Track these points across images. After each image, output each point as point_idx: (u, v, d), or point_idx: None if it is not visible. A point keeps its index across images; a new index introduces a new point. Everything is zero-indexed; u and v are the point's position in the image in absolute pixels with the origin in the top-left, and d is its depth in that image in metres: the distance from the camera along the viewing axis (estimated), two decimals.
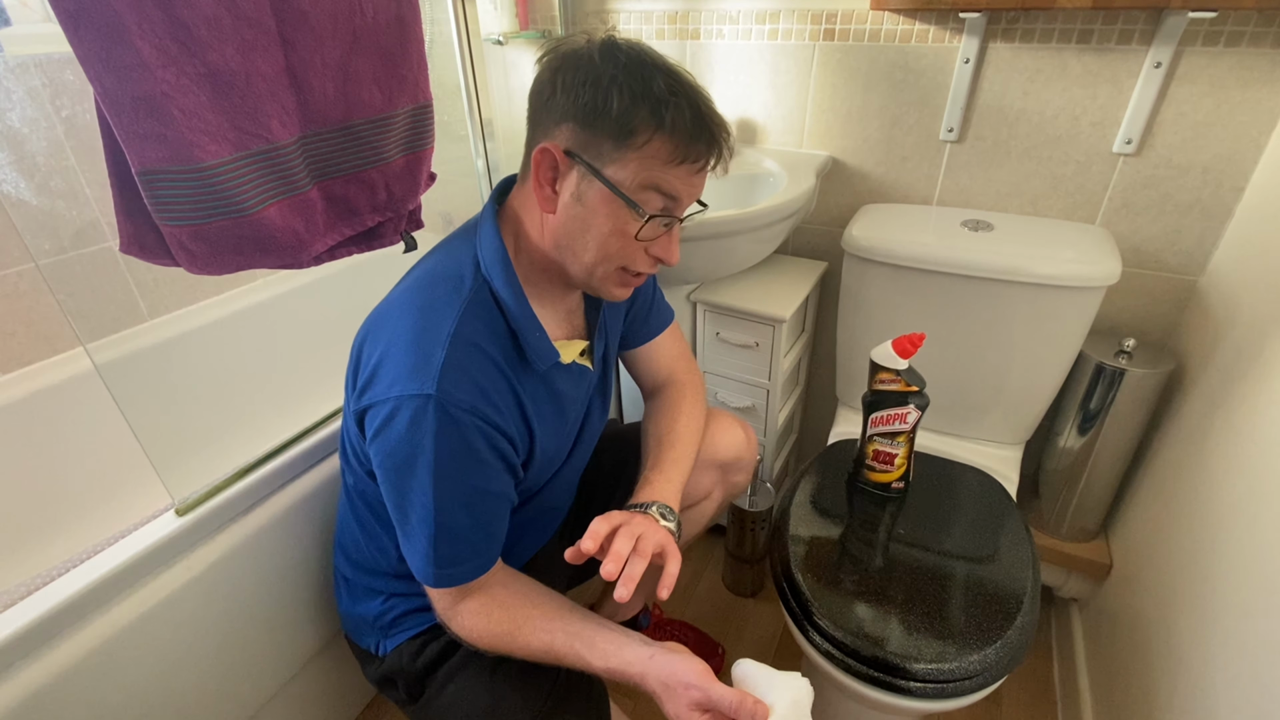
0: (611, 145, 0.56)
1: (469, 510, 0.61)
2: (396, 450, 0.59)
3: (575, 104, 0.56)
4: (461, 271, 0.63)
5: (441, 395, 0.57)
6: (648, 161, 0.57)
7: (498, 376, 0.61)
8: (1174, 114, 0.90)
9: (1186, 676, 0.74)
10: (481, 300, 0.62)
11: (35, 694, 0.64)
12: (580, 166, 0.58)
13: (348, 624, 0.81)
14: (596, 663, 0.60)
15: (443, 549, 0.61)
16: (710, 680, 0.56)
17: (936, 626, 0.76)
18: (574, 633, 0.62)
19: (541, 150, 0.58)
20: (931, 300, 0.98)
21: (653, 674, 0.58)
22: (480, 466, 0.61)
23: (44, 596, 0.66)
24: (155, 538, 0.73)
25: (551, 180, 0.60)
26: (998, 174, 1.05)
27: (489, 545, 0.64)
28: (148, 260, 0.75)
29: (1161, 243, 0.99)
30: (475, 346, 0.60)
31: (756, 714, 0.54)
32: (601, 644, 0.61)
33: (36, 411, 1.06)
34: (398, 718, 1.11)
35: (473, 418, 0.58)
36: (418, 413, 0.57)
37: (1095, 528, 1.12)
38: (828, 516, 0.93)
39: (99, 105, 0.64)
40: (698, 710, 0.55)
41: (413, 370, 0.57)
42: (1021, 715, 1.09)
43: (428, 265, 0.68)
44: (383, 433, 0.59)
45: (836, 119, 1.13)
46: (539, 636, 0.63)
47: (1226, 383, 0.84)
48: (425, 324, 0.60)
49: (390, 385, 0.58)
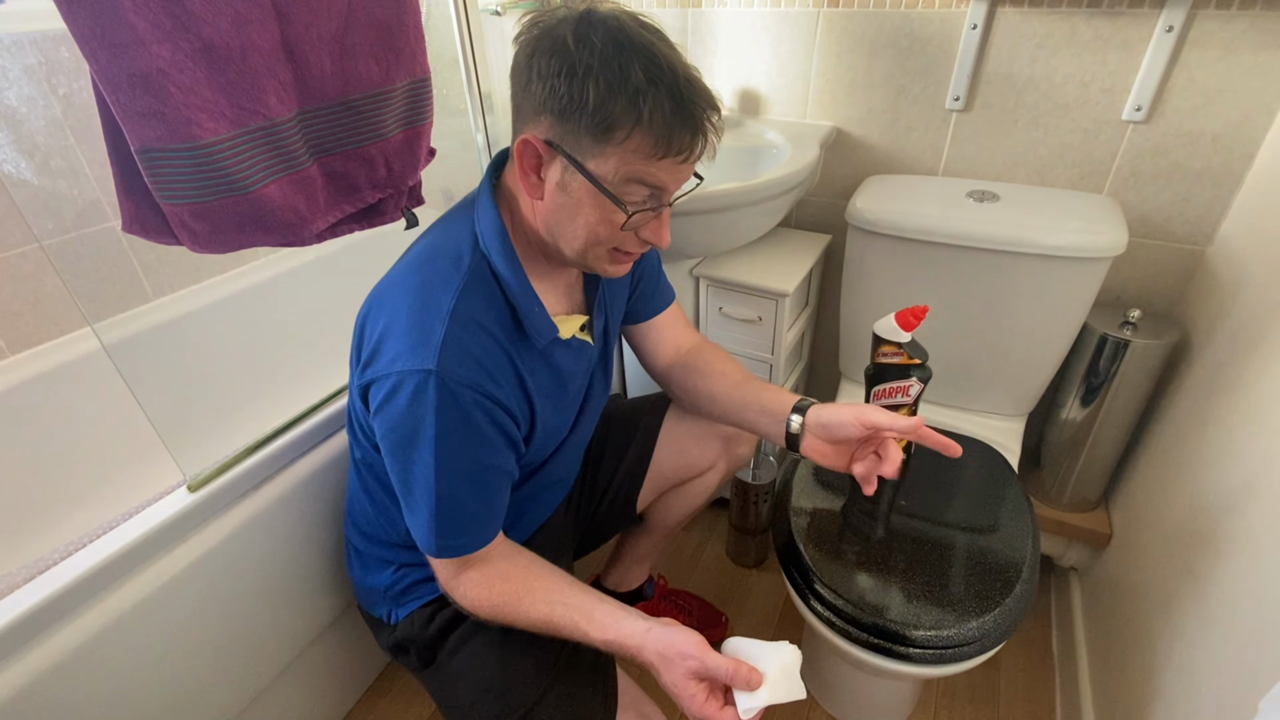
0: (590, 140, 0.55)
1: (470, 483, 0.62)
2: (399, 425, 0.60)
3: (552, 96, 0.54)
4: (460, 247, 0.63)
5: (442, 370, 0.57)
6: (628, 156, 0.55)
7: (497, 351, 0.62)
8: (1185, 80, 0.89)
9: (1182, 642, 0.75)
10: (480, 276, 0.62)
11: (56, 666, 0.66)
12: (562, 157, 0.57)
13: (360, 594, 0.83)
14: (595, 635, 0.62)
15: (444, 521, 0.62)
16: (706, 650, 0.57)
17: (936, 595, 0.77)
18: (573, 605, 0.63)
19: (523, 142, 0.57)
20: (936, 272, 0.97)
21: (649, 646, 0.59)
22: (481, 440, 0.62)
23: (62, 571, 0.68)
24: (169, 513, 0.74)
25: (536, 168, 0.59)
26: (1004, 143, 1.03)
27: (490, 518, 0.66)
28: (150, 239, 0.75)
29: (1169, 212, 0.98)
30: (475, 322, 0.60)
31: (751, 680, 0.55)
32: (600, 617, 0.62)
33: (46, 392, 1.07)
34: (411, 684, 1.15)
35: (473, 392, 0.59)
36: (419, 388, 0.58)
37: (1096, 498, 1.13)
38: (829, 489, 0.94)
39: (95, 83, 0.63)
40: (694, 679, 0.57)
41: (413, 346, 0.58)
42: (1020, 680, 1.11)
43: (427, 241, 0.68)
44: (385, 407, 0.60)
45: (841, 88, 1.11)
46: (538, 608, 0.64)
47: (1232, 352, 0.84)
48: (425, 300, 0.60)
49: (392, 361, 0.59)
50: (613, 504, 0.94)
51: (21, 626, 0.64)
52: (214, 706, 0.84)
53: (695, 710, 0.56)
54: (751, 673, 0.56)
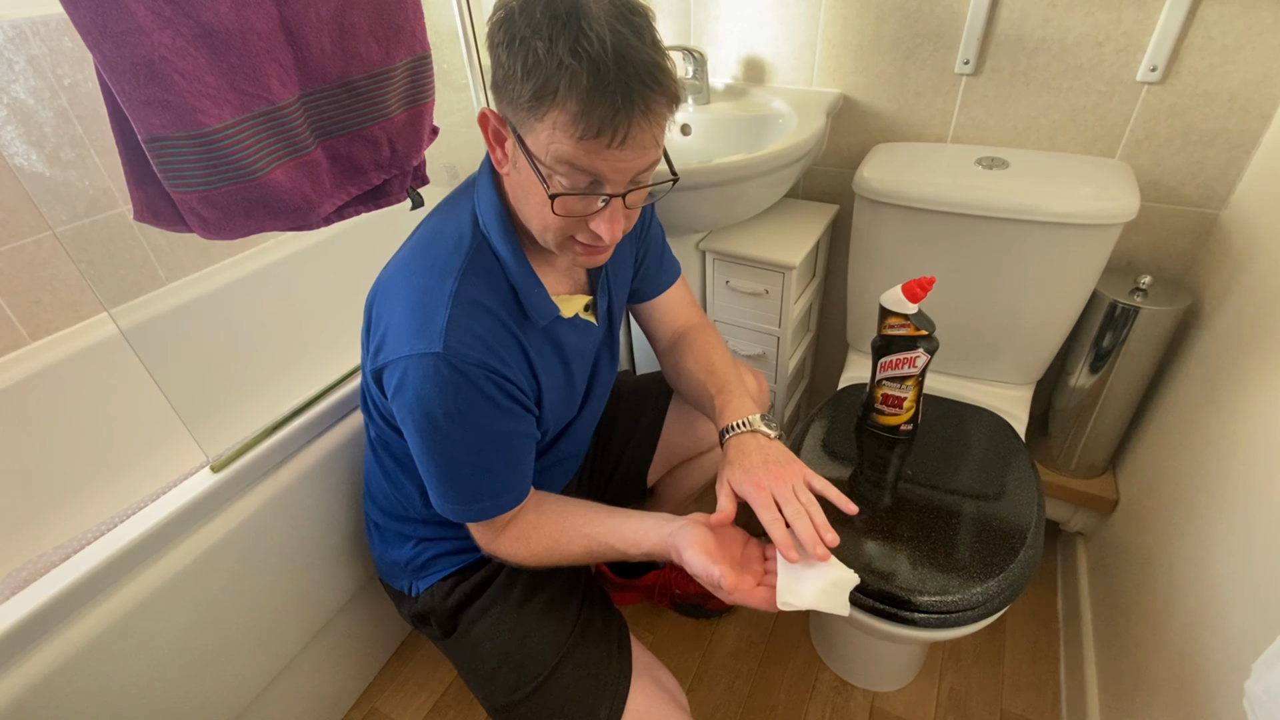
0: (525, 113, 0.53)
1: (494, 450, 0.65)
2: (415, 407, 0.61)
3: (497, 67, 0.54)
4: (461, 229, 0.64)
5: (448, 353, 0.59)
6: (554, 134, 0.52)
7: (502, 331, 0.63)
8: (1202, 38, 0.86)
9: (1184, 605, 0.77)
10: (481, 258, 0.63)
11: (91, 642, 0.69)
12: (511, 129, 0.56)
13: (381, 568, 0.86)
14: (631, 550, 0.66)
15: (471, 490, 0.65)
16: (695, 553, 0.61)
17: (941, 561, 0.79)
18: (605, 530, 0.68)
19: (481, 115, 0.58)
20: (944, 241, 0.97)
21: (672, 551, 0.63)
22: (497, 410, 0.63)
23: (94, 551, 0.70)
24: (194, 493, 0.77)
25: (501, 141, 0.59)
26: (1015, 108, 1.01)
27: (518, 480, 0.68)
28: (162, 227, 0.76)
29: (1183, 175, 0.96)
30: (478, 304, 0.61)
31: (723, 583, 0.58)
32: (630, 533, 0.67)
33: (67, 377, 1.10)
34: (432, 653, 1.19)
35: (481, 370, 0.61)
36: (428, 371, 0.59)
37: (1103, 464, 1.14)
38: (837, 459, 0.96)
39: (100, 73, 0.63)
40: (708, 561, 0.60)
41: (419, 331, 0.60)
42: (1024, 642, 1.14)
43: (430, 224, 0.69)
44: (400, 392, 0.61)
45: (848, 54, 1.09)
46: (576, 544, 0.69)
47: (1243, 317, 0.83)
48: (429, 284, 0.61)
49: (399, 346, 0.60)
50: (624, 478, 0.96)
51: (58, 605, 0.67)
52: (242, 680, 0.87)
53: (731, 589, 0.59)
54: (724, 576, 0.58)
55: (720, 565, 0.59)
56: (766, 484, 0.64)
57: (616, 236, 0.59)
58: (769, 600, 0.59)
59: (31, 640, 0.66)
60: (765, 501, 0.63)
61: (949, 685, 1.08)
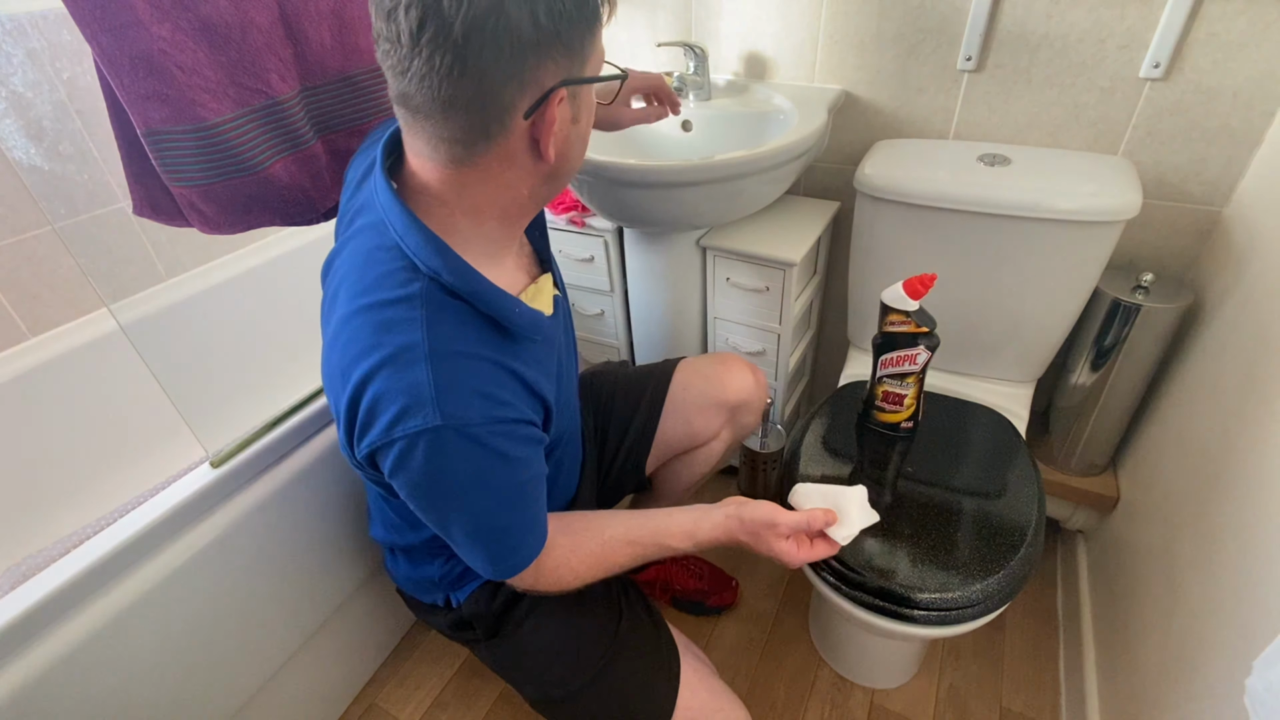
0: (588, 41, 0.51)
1: (513, 507, 0.61)
2: (422, 482, 0.56)
3: (561, 22, 0.48)
4: (399, 277, 0.54)
5: (448, 421, 0.52)
6: (602, 31, 0.53)
7: (492, 371, 0.56)
8: (1205, 34, 0.86)
9: (1184, 603, 0.77)
10: (437, 302, 0.54)
11: (91, 637, 0.69)
12: (573, 89, 0.52)
13: (408, 586, 0.83)
14: (684, 545, 0.68)
15: (497, 549, 0.62)
16: (784, 514, 0.66)
17: (942, 558, 0.79)
18: (650, 532, 0.69)
19: (553, 103, 0.50)
20: (946, 238, 0.96)
21: (737, 530, 0.67)
22: (510, 464, 0.58)
23: (94, 546, 0.70)
24: (193, 489, 0.77)
25: (551, 124, 0.52)
26: (1017, 105, 1.01)
27: (538, 523, 0.64)
28: (162, 222, 0.76)
29: (1186, 172, 0.96)
30: (456, 354, 0.54)
31: (829, 519, 0.66)
32: (678, 528, 0.68)
33: (67, 372, 1.10)
34: (434, 646, 1.19)
35: (488, 427, 0.55)
36: (432, 446, 0.53)
37: (1104, 462, 1.14)
38: (838, 456, 0.96)
39: (99, 66, 0.63)
40: (786, 540, 0.66)
41: (409, 406, 0.52)
42: (1024, 640, 1.14)
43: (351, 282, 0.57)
44: (402, 469, 0.55)
45: (850, 50, 1.08)
46: (623, 552, 0.68)
47: (1245, 315, 0.83)
48: (396, 352, 0.53)
49: (391, 426, 0.53)
50: (622, 469, 0.96)
51: (60, 599, 0.67)
52: (242, 676, 0.87)
53: (799, 561, 0.66)
54: (827, 513, 0.66)
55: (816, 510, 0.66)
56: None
57: None
58: (834, 545, 0.67)
59: (33, 634, 0.66)
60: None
61: (949, 682, 1.08)
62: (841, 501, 0.67)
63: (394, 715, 1.10)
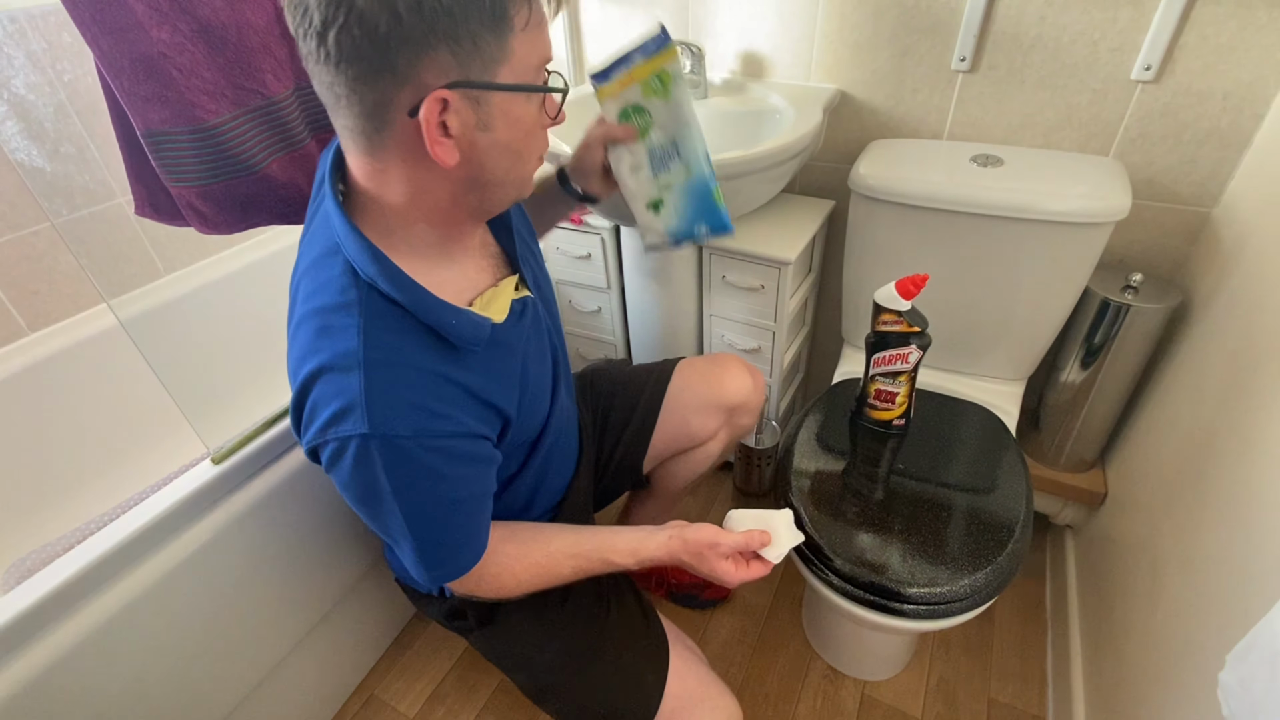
0: (493, 44, 0.47)
1: (443, 522, 0.60)
2: (352, 485, 0.56)
3: (437, 17, 0.44)
4: (341, 282, 0.54)
5: (375, 430, 0.52)
6: (528, 37, 0.49)
7: (431, 382, 0.55)
8: (1196, 37, 0.87)
9: (1166, 597, 0.79)
10: (376, 310, 0.54)
11: (93, 634, 0.70)
12: (469, 92, 0.48)
13: (405, 575, 0.84)
14: (628, 562, 0.68)
15: (429, 558, 0.61)
16: (724, 535, 0.68)
17: (931, 553, 0.80)
18: (596, 547, 0.69)
19: (433, 101, 0.47)
20: (939, 238, 0.98)
21: (679, 550, 0.68)
22: (441, 481, 0.57)
23: (96, 543, 0.71)
24: (195, 485, 0.78)
25: (445, 128, 0.49)
26: (1010, 105, 1.02)
27: (474, 537, 0.64)
28: (163, 222, 0.77)
29: (1176, 174, 0.97)
30: (393, 364, 0.53)
31: (764, 540, 0.68)
32: (623, 545, 0.69)
33: (66, 368, 1.11)
34: (432, 639, 1.21)
35: (418, 440, 0.54)
36: (360, 452, 0.53)
37: (1093, 458, 1.15)
38: (831, 453, 0.97)
39: (99, 68, 0.64)
40: (726, 560, 0.67)
41: (341, 411, 0.52)
42: (1012, 632, 1.16)
43: (307, 280, 0.58)
44: (334, 469, 0.56)
45: (845, 50, 1.09)
46: (566, 564, 0.69)
47: (1232, 316, 0.84)
48: (332, 357, 0.53)
49: (325, 428, 0.53)
50: (619, 467, 0.97)
51: (63, 595, 0.68)
52: (243, 668, 0.89)
53: (737, 580, 0.67)
54: (763, 534, 0.68)
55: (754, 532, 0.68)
56: None
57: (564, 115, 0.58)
58: (768, 565, 0.69)
59: (38, 630, 0.67)
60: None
61: (938, 674, 1.10)
62: (773, 523, 0.70)
63: (394, 706, 1.12)
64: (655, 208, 0.73)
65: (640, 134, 0.70)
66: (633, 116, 0.70)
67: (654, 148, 0.70)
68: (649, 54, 0.66)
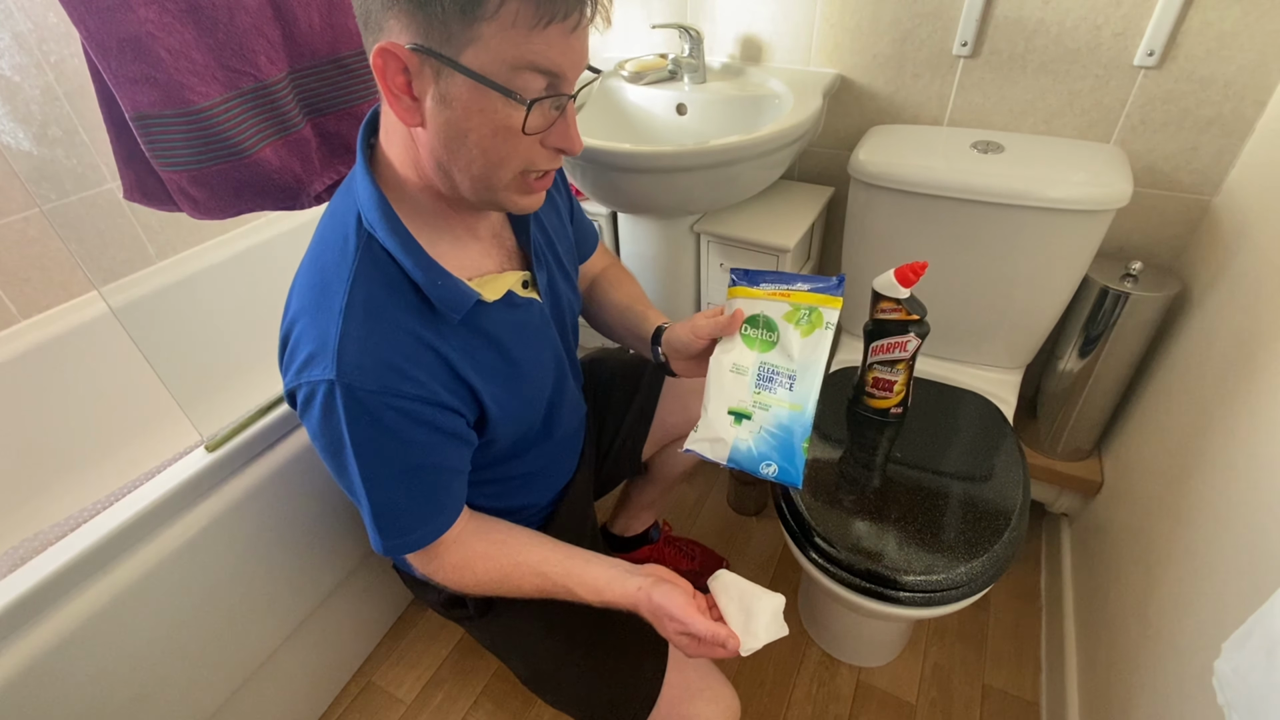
0: (459, 23, 0.45)
1: (403, 487, 0.59)
2: (319, 434, 0.56)
3: None
4: (345, 229, 0.55)
5: (343, 378, 0.52)
6: (508, 33, 0.46)
7: (409, 342, 0.55)
8: (1200, 22, 0.86)
9: (1162, 585, 0.79)
10: (372, 258, 0.54)
11: (87, 621, 0.70)
12: (432, 60, 0.47)
13: (403, 563, 0.82)
14: (590, 598, 0.63)
15: (384, 522, 0.60)
16: (691, 614, 0.58)
17: (928, 541, 0.81)
18: (564, 573, 0.64)
19: (380, 53, 0.46)
20: (938, 225, 0.97)
21: (643, 605, 0.61)
22: (403, 444, 0.56)
23: (90, 530, 0.71)
24: (189, 472, 0.77)
25: (406, 87, 0.48)
26: (1011, 91, 1.01)
27: (435, 513, 0.62)
28: (151, 206, 0.76)
29: (1177, 161, 0.96)
30: (375, 314, 0.53)
31: (729, 644, 0.57)
32: (590, 580, 0.64)
33: (57, 356, 1.10)
34: (428, 627, 1.21)
35: (382, 398, 0.53)
36: (326, 399, 0.53)
37: (1089, 447, 1.15)
38: (827, 441, 0.97)
39: (86, 50, 0.62)
40: (684, 636, 0.59)
41: (315, 352, 0.53)
42: (1007, 620, 1.16)
43: (320, 225, 0.60)
44: (304, 416, 0.56)
45: (845, 34, 1.07)
46: (530, 580, 0.65)
47: (1231, 305, 0.84)
48: (320, 298, 0.54)
49: (300, 370, 0.54)
50: (619, 455, 0.97)
51: (56, 583, 0.68)
52: (241, 655, 0.89)
53: (694, 655, 0.60)
54: (730, 636, 0.57)
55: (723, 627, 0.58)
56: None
57: (581, 142, 0.55)
58: (736, 650, 0.58)
59: (30, 618, 0.66)
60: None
61: (933, 661, 1.11)
62: (756, 607, 0.59)
63: (391, 693, 1.12)
64: (738, 419, 0.67)
65: (760, 346, 0.67)
66: (761, 326, 0.67)
67: (767, 364, 0.67)
68: (817, 288, 0.66)
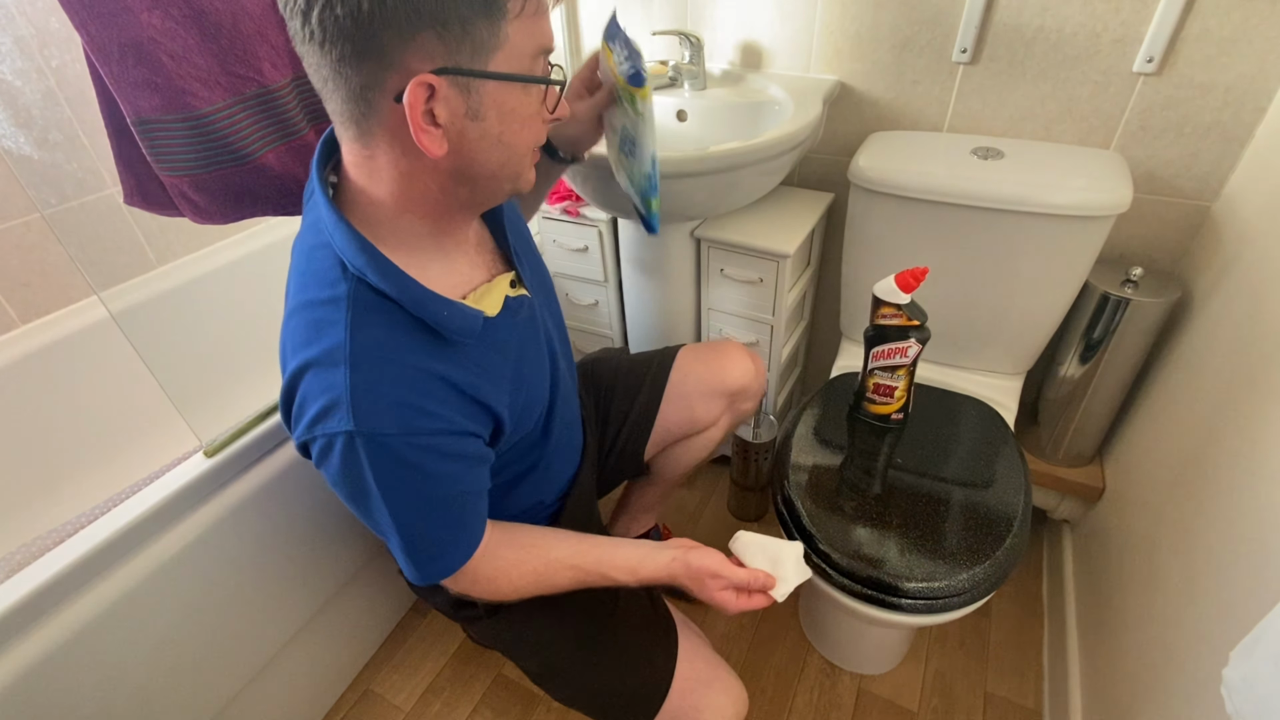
0: (486, 30, 0.46)
1: (432, 518, 0.59)
2: (340, 482, 0.56)
3: (420, 2, 0.43)
4: (331, 275, 0.54)
5: (361, 428, 0.51)
6: (526, 25, 0.48)
7: (418, 379, 0.55)
8: (1199, 29, 0.86)
9: (1165, 592, 0.78)
10: (364, 303, 0.53)
11: (86, 627, 0.69)
12: (458, 79, 0.46)
13: None
14: (627, 579, 0.67)
15: (417, 554, 0.60)
16: (729, 567, 0.66)
17: (929, 548, 0.80)
18: (596, 560, 0.68)
19: (417, 86, 0.45)
20: (938, 231, 0.97)
21: (681, 574, 0.67)
22: (429, 479, 0.57)
23: (88, 536, 0.71)
24: (188, 478, 0.77)
25: (431, 116, 0.48)
26: (1011, 97, 1.01)
27: (465, 534, 0.63)
28: (152, 211, 0.76)
29: (1177, 167, 0.96)
30: (380, 359, 0.53)
31: (767, 584, 0.66)
32: (623, 562, 0.67)
33: (57, 361, 1.09)
34: (429, 630, 1.20)
35: (404, 439, 0.53)
36: (346, 449, 0.53)
37: (1091, 453, 1.15)
38: (828, 447, 0.97)
39: (88, 54, 0.63)
40: (728, 591, 0.66)
41: (327, 406, 0.52)
42: (1009, 627, 1.16)
43: (295, 270, 0.58)
44: (323, 465, 0.56)
45: (845, 40, 1.08)
46: (565, 575, 0.67)
47: (1232, 311, 0.84)
48: (320, 351, 0.53)
49: (313, 423, 0.53)
50: (621, 455, 0.97)
51: (55, 589, 0.67)
52: (240, 661, 0.88)
53: (736, 610, 0.66)
54: (769, 577, 0.66)
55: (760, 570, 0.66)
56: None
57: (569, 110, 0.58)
58: (770, 599, 0.67)
59: (29, 623, 0.66)
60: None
61: (935, 668, 1.11)
62: (781, 555, 0.68)
63: (389, 700, 1.11)
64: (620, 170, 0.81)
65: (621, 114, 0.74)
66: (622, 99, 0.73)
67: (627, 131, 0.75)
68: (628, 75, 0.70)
